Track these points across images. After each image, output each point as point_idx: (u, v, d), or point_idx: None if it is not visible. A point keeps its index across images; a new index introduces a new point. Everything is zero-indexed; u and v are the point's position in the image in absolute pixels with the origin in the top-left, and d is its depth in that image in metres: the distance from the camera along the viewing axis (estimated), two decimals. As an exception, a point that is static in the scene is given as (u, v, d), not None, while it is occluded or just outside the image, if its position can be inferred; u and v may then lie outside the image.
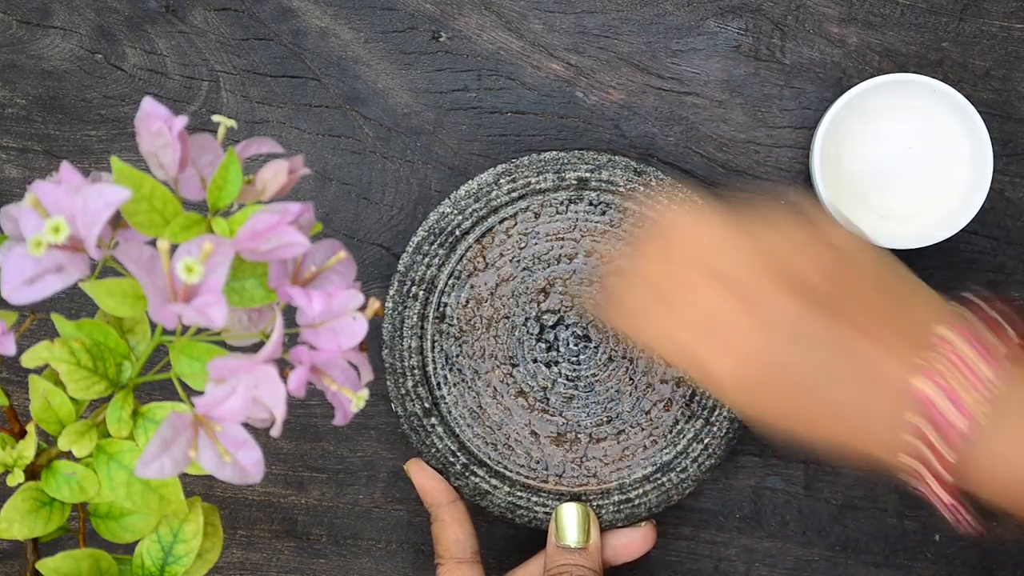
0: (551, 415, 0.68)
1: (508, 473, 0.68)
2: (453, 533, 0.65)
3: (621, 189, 0.67)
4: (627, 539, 0.67)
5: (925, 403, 0.48)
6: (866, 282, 0.52)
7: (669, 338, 0.53)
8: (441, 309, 0.68)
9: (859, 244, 0.53)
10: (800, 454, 0.57)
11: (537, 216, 0.68)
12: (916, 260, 0.69)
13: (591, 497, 0.68)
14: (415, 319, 0.67)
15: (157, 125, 0.43)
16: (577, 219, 0.68)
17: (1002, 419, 0.48)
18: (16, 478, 0.47)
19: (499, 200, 0.67)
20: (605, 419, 0.68)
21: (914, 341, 0.50)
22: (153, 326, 0.46)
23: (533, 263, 0.68)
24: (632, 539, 0.67)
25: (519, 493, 0.68)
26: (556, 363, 0.68)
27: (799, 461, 0.70)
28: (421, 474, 0.67)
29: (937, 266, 0.69)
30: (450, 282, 0.68)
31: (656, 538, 0.68)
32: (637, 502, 0.68)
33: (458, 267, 0.68)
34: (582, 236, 0.68)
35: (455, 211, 0.67)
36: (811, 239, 0.52)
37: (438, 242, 0.67)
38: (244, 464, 0.44)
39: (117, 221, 0.44)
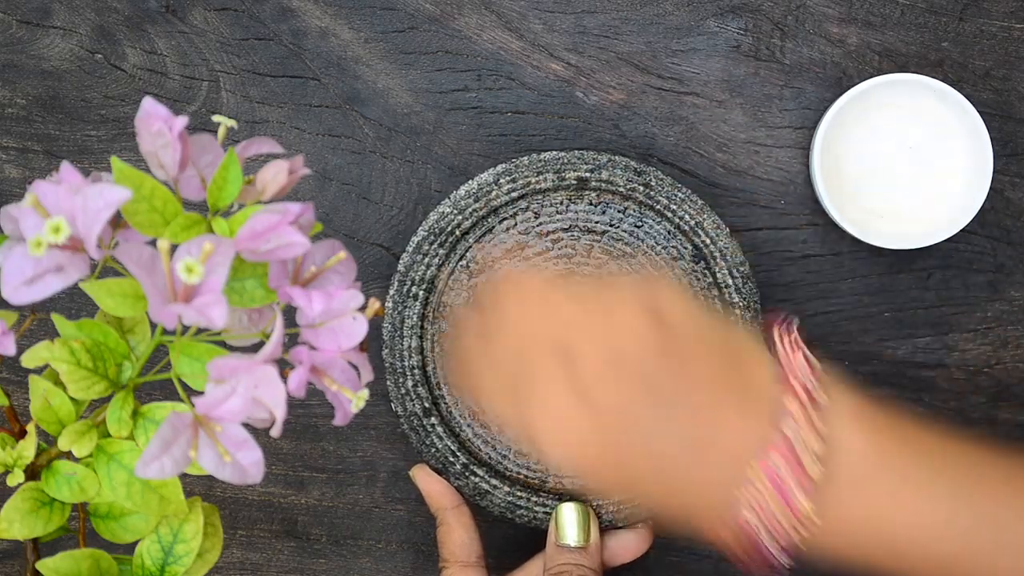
0: (551, 415, 0.68)
1: (508, 473, 0.68)
2: (458, 537, 0.65)
3: (621, 189, 0.67)
4: (624, 540, 0.67)
5: (771, 477, 0.49)
6: (699, 353, 0.51)
7: (500, 408, 0.53)
8: (441, 309, 0.68)
9: (690, 311, 0.52)
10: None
11: (537, 216, 0.68)
12: (916, 260, 0.69)
13: (591, 497, 0.68)
14: (415, 319, 0.67)
15: (157, 125, 0.43)
16: (577, 219, 0.68)
17: (836, 481, 0.49)
18: (16, 478, 0.47)
19: (499, 200, 0.67)
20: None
21: (751, 412, 0.50)
22: (153, 326, 0.46)
23: (533, 263, 0.68)
24: (629, 540, 0.67)
25: (519, 493, 0.68)
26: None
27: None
28: (426, 479, 0.67)
29: (937, 266, 0.69)
30: (450, 282, 0.68)
31: (652, 539, 0.67)
32: (637, 502, 0.68)
33: (458, 267, 0.68)
34: (582, 236, 0.68)
35: (455, 211, 0.67)
36: (642, 314, 0.51)
37: (438, 242, 0.67)
38: (244, 464, 0.44)
39: (117, 221, 0.44)
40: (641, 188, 0.67)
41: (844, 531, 0.50)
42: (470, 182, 0.67)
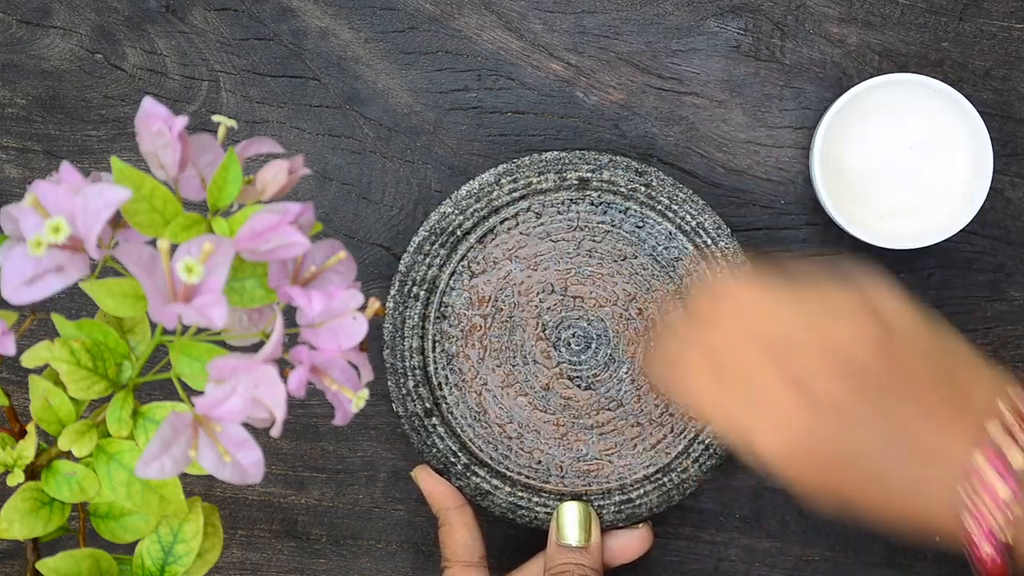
0: (552, 415, 0.68)
1: (509, 473, 0.68)
2: (461, 537, 0.65)
3: (623, 190, 0.67)
4: (624, 541, 0.67)
5: (980, 480, 0.49)
6: (918, 357, 0.52)
7: (717, 409, 0.54)
8: (442, 309, 0.68)
9: (911, 317, 0.53)
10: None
11: (539, 216, 0.68)
12: (916, 260, 0.69)
13: (592, 497, 0.68)
14: (416, 319, 0.67)
15: (157, 125, 0.43)
16: (579, 219, 0.68)
17: None
18: (16, 478, 0.47)
19: (500, 200, 0.67)
20: (606, 419, 0.68)
21: (968, 419, 0.50)
22: (153, 326, 0.46)
23: (535, 263, 0.68)
24: (629, 541, 0.67)
25: (520, 493, 0.68)
26: (557, 363, 0.68)
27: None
28: (428, 479, 0.67)
29: (937, 266, 0.69)
30: (451, 282, 0.68)
31: (653, 540, 0.68)
32: (638, 502, 0.68)
33: (459, 267, 0.68)
34: (583, 236, 0.68)
35: (456, 211, 0.67)
36: (862, 314, 0.52)
37: (439, 242, 0.67)
38: (244, 464, 0.44)
39: (117, 221, 0.44)
40: (642, 188, 0.67)
41: None
42: (471, 182, 0.67)
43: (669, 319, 0.67)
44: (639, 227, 0.68)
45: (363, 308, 0.45)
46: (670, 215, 0.67)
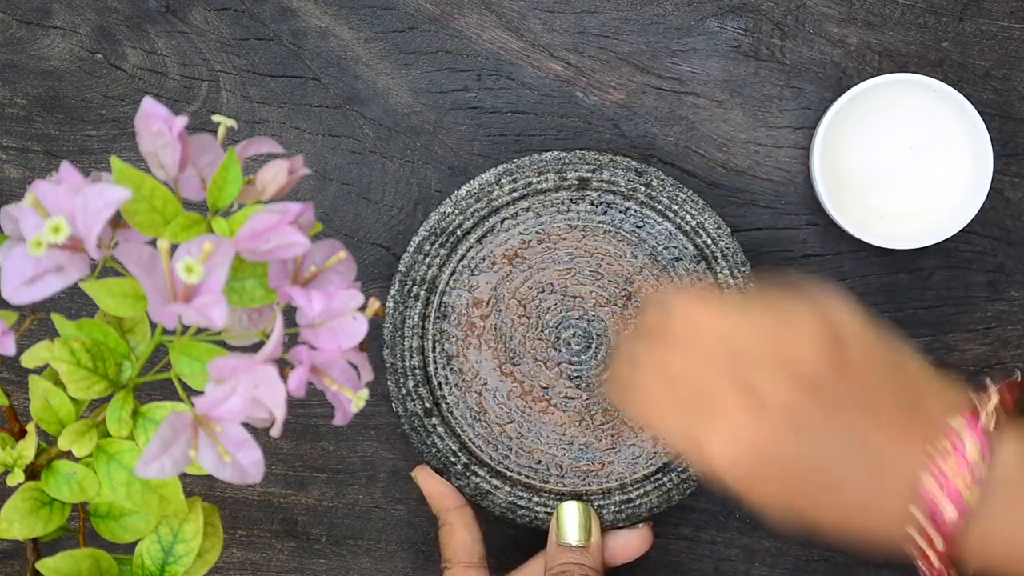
0: (552, 415, 0.68)
1: (509, 473, 0.68)
2: (461, 537, 0.65)
3: (623, 190, 0.67)
4: (624, 541, 0.67)
5: (927, 501, 0.49)
6: (872, 369, 0.51)
7: (669, 422, 0.54)
8: (442, 309, 0.68)
9: (865, 329, 0.53)
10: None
11: (539, 216, 0.68)
12: (916, 260, 0.69)
13: (592, 497, 0.68)
14: (416, 319, 0.67)
15: (157, 125, 0.43)
16: (579, 219, 0.68)
17: (992, 501, 0.49)
18: (16, 478, 0.47)
19: (500, 200, 0.67)
20: (606, 419, 0.68)
21: (921, 432, 0.50)
22: (153, 326, 0.46)
23: (534, 263, 0.68)
24: (630, 540, 0.67)
25: (520, 493, 0.68)
26: (557, 363, 0.68)
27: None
28: (429, 480, 0.67)
29: (937, 266, 0.69)
30: (451, 282, 0.68)
31: (653, 539, 0.67)
32: (638, 502, 0.68)
33: (459, 267, 0.68)
34: (583, 236, 0.68)
35: (456, 211, 0.67)
36: (815, 325, 0.52)
37: (439, 242, 0.67)
38: (244, 464, 0.44)
39: (117, 221, 0.44)
40: (642, 188, 0.67)
41: (994, 550, 0.49)
42: (471, 182, 0.67)
43: (622, 338, 0.67)
44: (639, 227, 0.68)
45: (363, 308, 0.45)
46: (670, 215, 0.67)
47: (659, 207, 0.67)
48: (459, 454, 0.68)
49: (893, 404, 0.51)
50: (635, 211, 0.67)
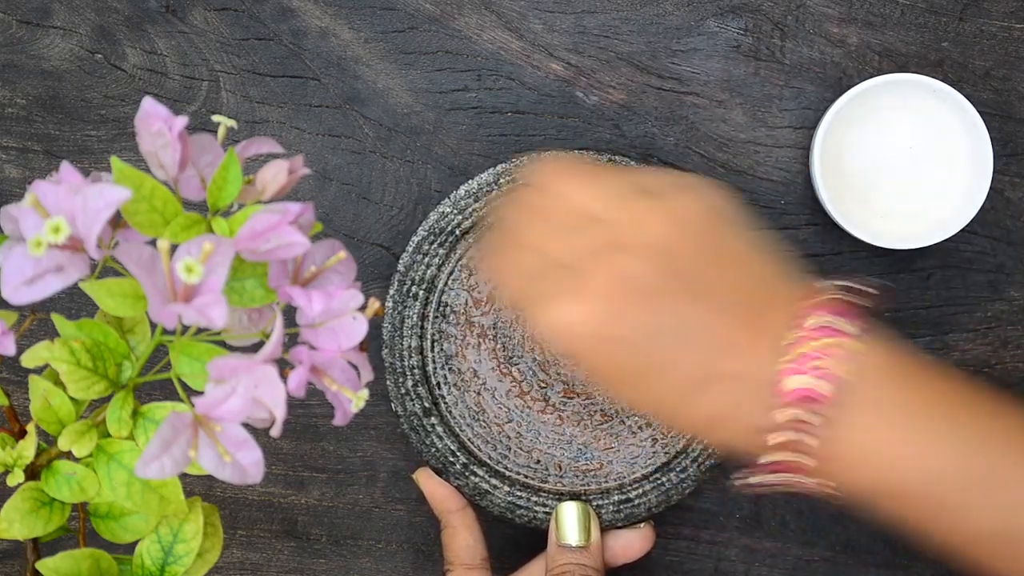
0: (550, 414, 0.68)
1: (508, 473, 0.68)
2: (463, 539, 0.65)
3: (621, 189, 0.67)
4: (626, 541, 0.67)
5: (793, 394, 0.47)
6: (731, 253, 0.50)
7: (523, 291, 0.52)
8: (441, 308, 0.68)
9: (728, 217, 0.51)
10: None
11: (537, 216, 0.68)
12: (916, 260, 0.69)
13: (591, 496, 0.68)
14: (415, 319, 0.67)
15: (157, 125, 0.43)
16: (577, 219, 0.68)
17: (854, 409, 0.47)
18: (16, 478, 0.47)
19: (500, 200, 0.67)
20: (605, 418, 0.68)
21: (776, 324, 0.49)
22: (153, 326, 0.46)
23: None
24: (631, 541, 0.67)
25: (519, 493, 0.68)
26: (556, 363, 0.68)
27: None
28: (430, 482, 0.67)
29: (937, 266, 0.69)
30: (450, 282, 0.68)
31: (655, 539, 0.67)
32: (637, 502, 0.68)
33: (458, 267, 0.68)
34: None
35: (455, 211, 0.67)
36: (677, 204, 0.50)
37: (438, 242, 0.67)
38: (244, 464, 0.44)
39: (117, 221, 0.44)
40: (641, 188, 0.67)
41: (850, 460, 0.48)
42: (470, 182, 0.67)
43: (494, 211, 0.65)
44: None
45: (363, 308, 0.45)
46: (670, 215, 0.67)
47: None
48: (458, 454, 0.68)
49: (743, 294, 0.49)
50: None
